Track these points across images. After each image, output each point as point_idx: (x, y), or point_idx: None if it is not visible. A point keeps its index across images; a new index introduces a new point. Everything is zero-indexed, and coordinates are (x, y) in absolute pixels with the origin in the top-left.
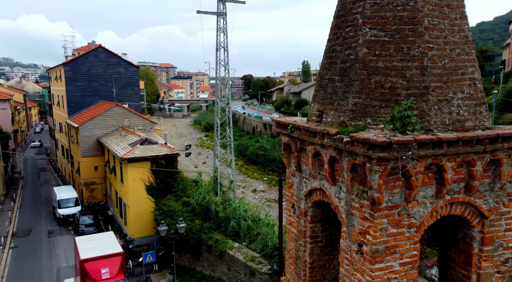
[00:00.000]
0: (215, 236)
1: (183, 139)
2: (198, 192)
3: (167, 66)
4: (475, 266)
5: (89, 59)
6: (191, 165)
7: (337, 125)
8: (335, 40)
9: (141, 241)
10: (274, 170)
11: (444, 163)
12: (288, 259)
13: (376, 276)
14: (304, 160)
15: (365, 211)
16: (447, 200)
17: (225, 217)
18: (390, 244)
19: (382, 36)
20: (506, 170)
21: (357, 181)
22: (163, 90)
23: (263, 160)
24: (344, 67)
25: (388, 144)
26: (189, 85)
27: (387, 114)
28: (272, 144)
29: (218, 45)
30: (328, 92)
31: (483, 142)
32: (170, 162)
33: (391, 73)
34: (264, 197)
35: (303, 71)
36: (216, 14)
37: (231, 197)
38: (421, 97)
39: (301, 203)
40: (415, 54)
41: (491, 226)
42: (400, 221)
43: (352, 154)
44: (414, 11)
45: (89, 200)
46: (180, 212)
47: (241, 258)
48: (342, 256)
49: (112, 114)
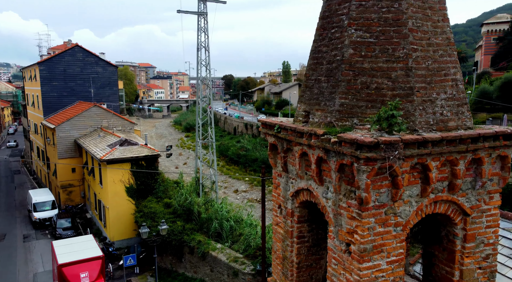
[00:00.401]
0: (198, 237)
1: (163, 140)
2: (180, 193)
3: (146, 66)
4: (458, 263)
5: (65, 59)
6: (171, 165)
7: (324, 126)
8: (320, 41)
9: (121, 243)
10: (255, 170)
11: (429, 162)
12: (275, 260)
13: (364, 275)
14: (291, 160)
15: (352, 210)
16: (431, 199)
17: (208, 218)
18: (378, 243)
19: (368, 37)
20: (486, 168)
21: (345, 181)
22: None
23: (245, 160)
24: (330, 68)
25: (376, 144)
26: (169, 85)
27: (374, 115)
28: (254, 144)
29: (199, 45)
30: (315, 93)
31: (466, 141)
32: (150, 163)
33: (377, 74)
34: (246, 197)
35: (284, 71)
36: (196, 14)
37: (213, 198)
38: (406, 98)
39: (287, 203)
40: (400, 55)
41: (473, 223)
42: (387, 220)
43: (340, 154)
44: (398, 13)
45: (66, 203)
46: (162, 213)
47: (224, 259)
48: (330, 255)
49: (90, 115)
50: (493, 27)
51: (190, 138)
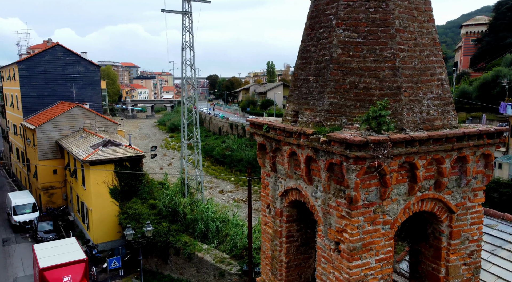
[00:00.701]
0: (183, 238)
1: (147, 140)
2: (165, 194)
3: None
4: (444, 260)
5: (46, 58)
6: (156, 166)
7: (313, 125)
8: (309, 41)
9: (105, 246)
10: (241, 170)
11: (416, 161)
12: (263, 260)
13: (353, 273)
14: (280, 160)
15: (342, 209)
16: (418, 197)
17: (193, 219)
18: (367, 241)
19: (356, 37)
20: (471, 166)
21: (334, 180)
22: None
23: (230, 160)
24: (319, 68)
25: (365, 143)
26: (152, 85)
27: (362, 114)
28: (239, 144)
29: (184, 45)
30: (303, 93)
31: (451, 140)
32: (135, 164)
33: (365, 74)
34: (231, 198)
35: (268, 71)
36: (181, 13)
37: (199, 198)
38: (393, 97)
39: (276, 203)
40: (388, 55)
41: (458, 221)
42: (376, 219)
43: (329, 153)
44: (385, 13)
45: (48, 205)
46: (147, 215)
47: (210, 260)
48: (319, 254)
49: (72, 115)
50: (472, 29)
51: (175, 138)
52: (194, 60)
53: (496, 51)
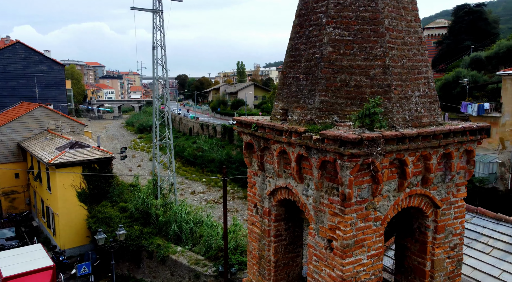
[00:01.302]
0: (157, 241)
1: (115, 142)
2: (136, 196)
3: (95, 64)
4: (430, 254)
5: (5, 56)
6: (125, 168)
7: (304, 124)
8: (298, 39)
9: (73, 252)
10: (213, 171)
11: (406, 157)
12: (250, 260)
13: (346, 270)
14: (268, 159)
15: (335, 207)
16: (407, 193)
17: (166, 221)
18: (359, 238)
19: (346, 36)
20: (455, 162)
21: (326, 178)
22: (91, 91)
23: (201, 161)
24: (309, 66)
25: (360, 140)
26: (119, 85)
27: (354, 112)
28: (210, 144)
29: (155, 44)
30: (293, 91)
31: (438, 136)
32: (104, 166)
33: (356, 72)
34: (204, 199)
35: (238, 71)
36: (152, 11)
37: (172, 200)
38: (384, 95)
39: (264, 202)
40: (378, 53)
41: (443, 215)
42: (368, 215)
43: (322, 151)
44: (375, 12)
45: (9, 211)
46: (118, 218)
47: (185, 262)
48: (311, 252)
49: (35, 116)
50: (433, 32)
51: (144, 140)
52: (165, 60)
53: (456, 53)
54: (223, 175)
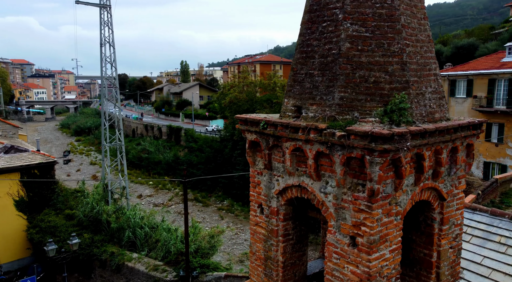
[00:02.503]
0: (110, 248)
1: (49, 145)
2: (85, 202)
3: (22, 62)
4: (436, 245)
5: None
6: (62, 173)
7: (322, 120)
8: (309, 35)
9: (11, 266)
10: (160, 173)
11: (424, 152)
12: (253, 261)
13: (373, 266)
14: (277, 157)
15: (360, 203)
16: (420, 187)
17: (119, 227)
18: (383, 233)
19: (363, 32)
20: (460, 156)
21: (350, 174)
22: (18, 90)
23: (147, 163)
24: (325, 62)
25: (391, 136)
26: (51, 84)
27: (374, 108)
28: (156, 146)
29: (103, 41)
30: (307, 87)
31: (450, 131)
32: (45, 171)
33: (374, 68)
34: (151, 202)
35: (182, 71)
36: (98, 6)
37: (124, 205)
38: (402, 91)
39: (271, 202)
40: (395, 50)
41: (447, 207)
42: (390, 210)
43: (348, 147)
44: (391, 9)
45: None
46: (64, 227)
47: (142, 269)
48: (330, 250)
49: None
50: None
51: (82, 142)
52: (115, 57)
53: None
54: (184, 177)
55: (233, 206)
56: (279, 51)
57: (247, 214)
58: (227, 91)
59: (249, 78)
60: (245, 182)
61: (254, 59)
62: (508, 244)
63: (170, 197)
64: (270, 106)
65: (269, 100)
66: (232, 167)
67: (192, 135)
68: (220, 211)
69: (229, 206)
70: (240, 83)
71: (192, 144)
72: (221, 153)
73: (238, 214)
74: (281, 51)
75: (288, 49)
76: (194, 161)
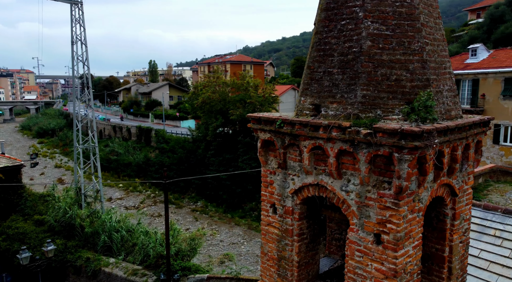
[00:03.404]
0: (85, 254)
1: (9, 148)
2: (56, 207)
3: None
4: (448, 240)
5: None
6: (25, 177)
7: (343, 118)
8: (326, 33)
9: None
10: (130, 175)
11: (444, 148)
12: (265, 262)
13: (399, 262)
14: (293, 156)
15: (386, 200)
16: (438, 183)
17: (93, 232)
18: (408, 229)
19: (384, 30)
20: (471, 152)
21: (375, 172)
22: None
23: (116, 165)
24: (346, 60)
25: (421, 133)
26: (9, 84)
27: (399, 106)
28: (125, 147)
29: (75, 38)
30: (325, 85)
31: (466, 128)
32: (12, 175)
33: (396, 66)
34: (122, 205)
35: (150, 71)
36: (69, 2)
37: (99, 208)
38: (423, 89)
39: (286, 201)
40: (415, 48)
41: (459, 203)
42: (414, 207)
43: (375, 145)
44: (411, 7)
45: None
46: (34, 233)
47: (121, 274)
48: (353, 248)
49: None
50: None
51: (46, 145)
52: (87, 56)
53: None
54: (164, 178)
55: (207, 207)
56: (248, 52)
57: (221, 215)
58: (200, 91)
59: (222, 78)
60: (219, 183)
61: (225, 59)
62: (503, 236)
63: (142, 199)
64: (243, 107)
65: (242, 100)
66: (205, 168)
67: (163, 136)
68: (194, 213)
69: (203, 207)
70: (213, 83)
71: (163, 145)
72: (193, 153)
73: (212, 215)
74: (250, 51)
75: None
76: (166, 162)
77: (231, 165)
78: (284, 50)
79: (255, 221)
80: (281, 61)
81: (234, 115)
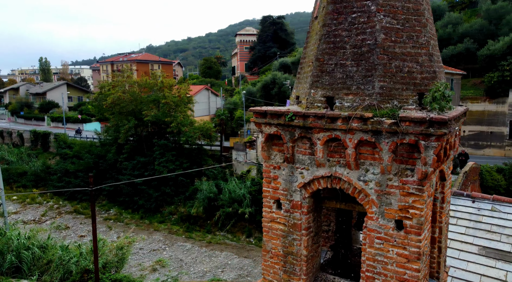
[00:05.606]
0: None
1: None
2: None
3: None
4: (437, 221)
5: None
6: None
7: (361, 109)
8: (336, 25)
9: None
10: (26, 186)
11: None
12: (268, 259)
13: (422, 245)
14: (301, 150)
15: (409, 187)
16: (438, 169)
17: None
18: (427, 214)
19: (395, 24)
20: (456, 140)
21: (397, 161)
22: None
23: (7, 176)
24: (360, 52)
25: (447, 121)
26: None
27: (412, 96)
28: (18, 154)
29: None
30: (338, 78)
31: (462, 116)
32: None
33: (407, 58)
34: (19, 219)
35: (42, 69)
36: None
37: (2, 225)
38: (432, 81)
39: (294, 196)
40: (423, 42)
41: (446, 186)
42: (430, 191)
43: (400, 134)
44: (417, 3)
45: None
46: None
47: None
48: (372, 236)
49: None
50: (245, 38)
51: None
52: None
53: (266, 58)
54: (91, 185)
55: (121, 215)
56: (152, 51)
57: (138, 221)
58: (108, 92)
59: (132, 77)
60: (134, 188)
61: (130, 58)
62: (457, 216)
63: (44, 211)
64: (157, 107)
65: (156, 101)
66: (118, 173)
67: (64, 140)
68: (107, 221)
69: (117, 215)
70: (123, 83)
71: (66, 150)
72: (103, 158)
73: (128, 222)
74: (155, 50)
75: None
76: (70, 168)
77: (147, 168)
78: (191, 50)
79: (176, 225)
80: (188, 61)
81: (149, 117)
